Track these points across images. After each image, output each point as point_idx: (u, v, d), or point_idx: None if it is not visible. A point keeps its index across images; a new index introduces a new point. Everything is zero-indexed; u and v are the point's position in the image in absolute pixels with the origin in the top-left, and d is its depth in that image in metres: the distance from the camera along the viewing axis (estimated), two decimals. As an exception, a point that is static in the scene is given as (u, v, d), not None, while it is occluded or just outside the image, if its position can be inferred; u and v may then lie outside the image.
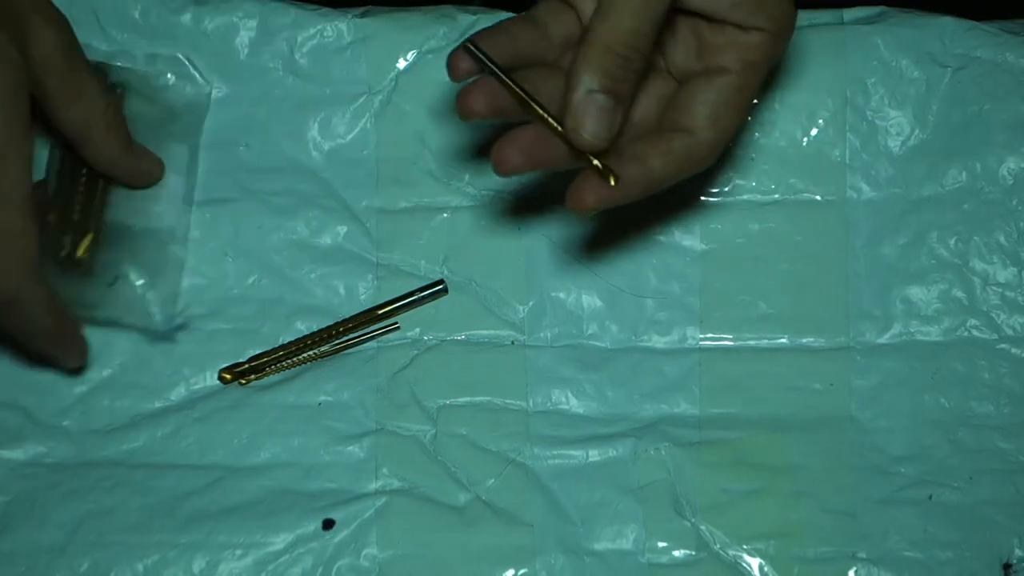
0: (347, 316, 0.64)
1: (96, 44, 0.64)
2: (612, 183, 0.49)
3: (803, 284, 0.64)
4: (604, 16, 0.48)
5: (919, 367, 0.63)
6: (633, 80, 0.49)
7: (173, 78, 0.64)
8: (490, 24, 0.64)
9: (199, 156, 0.65)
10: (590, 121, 0.48)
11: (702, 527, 0.61)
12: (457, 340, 0.64)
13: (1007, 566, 0.60)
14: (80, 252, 0.61)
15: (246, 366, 0.64)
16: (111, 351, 0.64)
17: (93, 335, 0.63)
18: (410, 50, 0.65)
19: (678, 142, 0.51)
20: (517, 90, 0.50)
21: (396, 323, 0.64)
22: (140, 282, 0.62)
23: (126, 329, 0.63)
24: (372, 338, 0.64)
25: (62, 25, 0.57)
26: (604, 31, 0.48)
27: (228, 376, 0.63)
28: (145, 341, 0.64)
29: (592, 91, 0.48)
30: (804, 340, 0.64)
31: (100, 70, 0.62)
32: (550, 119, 0.50)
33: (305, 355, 0.64)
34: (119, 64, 0.63)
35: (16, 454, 0.62)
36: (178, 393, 0.64)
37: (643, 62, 0.49)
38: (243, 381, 0.63)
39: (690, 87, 0.52)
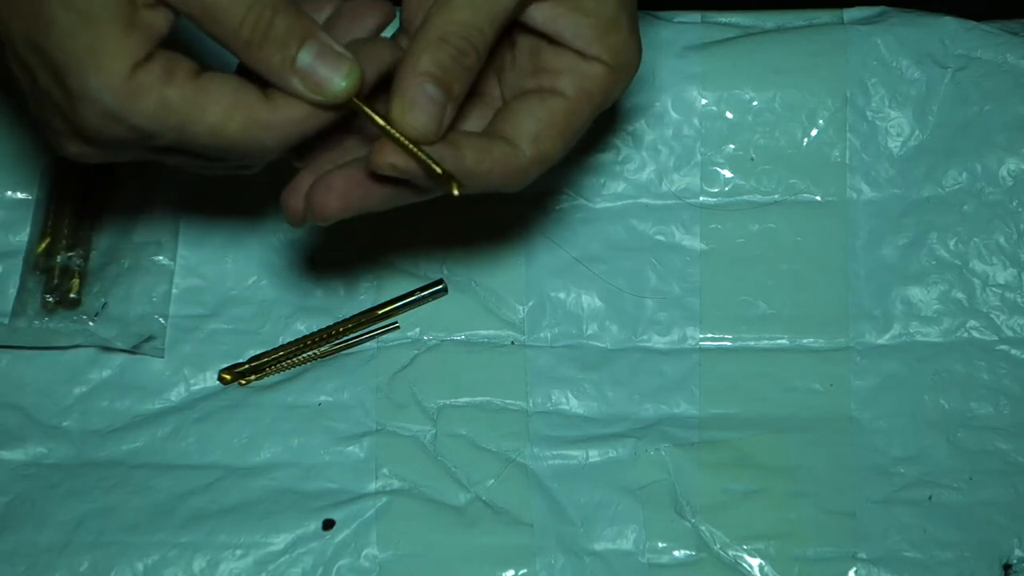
0: (347, 316, 0.64)
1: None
2: (455, 192, 0.46)
3: (803, 284, 0.64)
4: (443, 7, 0.47)
5: (919, 368, 0.63)
6: (465, 77, 0.47)
7: None
8: None
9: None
10: (418, 111, 0.46)
11: (702, 527, 0.61)
12: (457, 340, 0.64)
13: (1007, 566, 0.60)
14: (72, 292, 0.63)
15: (246, 366, 0.64)
16: (110, 351, 0.64)
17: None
18: (410, 50, 0.65)
19: (497, 148, 0.49)
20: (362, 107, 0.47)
21: (396, 323, 0.64)
22: (126, 307, 0.63)
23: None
24: (372, 338, 0.64)
25: None
26: (441, 22, 0.47)
27: (228, 376, 0.63)
28: (145, 341, 0.64)
29: (423, 80, 0.46)
30: (804, 340, 0.64)
31: None
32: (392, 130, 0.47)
33: (305, 355, 0.64)
34: None
35: (16, 454, 0.62)
36: (178, 393, 0.64)
37: (478, 60, 0.47)
38: (243, 381, 0.63)
39: (520, 101, 0.50)
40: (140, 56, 0.45)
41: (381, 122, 0.46)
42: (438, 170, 0.46)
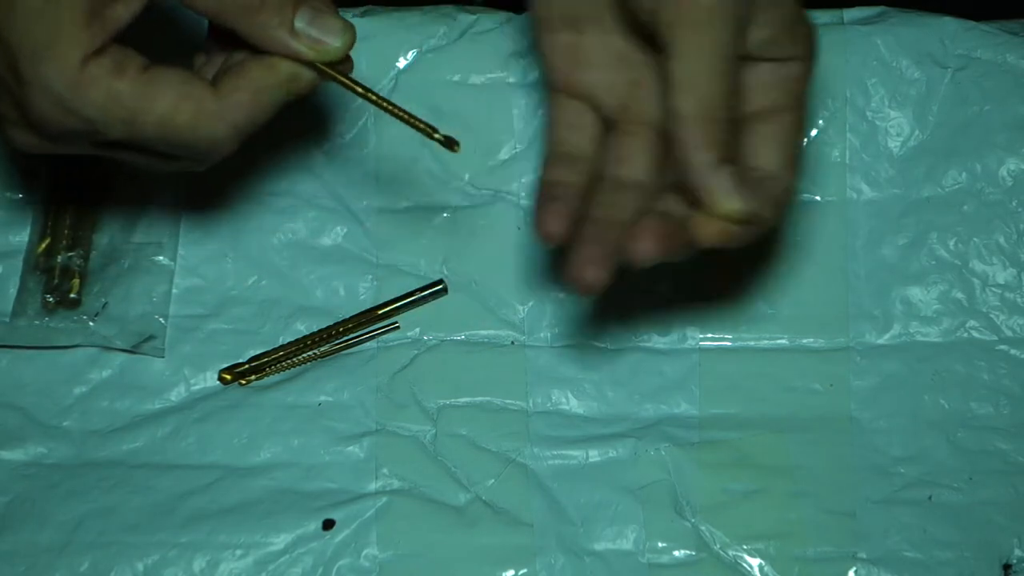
0: (347, 316, 0.64)
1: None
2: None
3: (803, 284, 0.64)
4: (690, 86, 0.47)
5: (919, 368, 0.63)
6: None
7: None
8: (492, 24, 0.64)
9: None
10: (733, 194, 0.48)
11: (702, 527, 0.61)
12: (457, 340, 0.64)
13: (1007, 566, 0.60)
14: (72, 292, 0.62)
15: (246, 366, 0.64)
16: (111, 351, 0.64)
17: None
18: (410, 49, 0.65)
19: (770, 184, 0.50)
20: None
21: (396, 323, 0.64)
22: (126, 307, 0.63)
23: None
24: (372, 338, 0.64)
25: None
26: (695, 102, 0.47)
27: (228, 376, 0.63)
28: (145, 341, 0.64)
29: (713, 167, 0.47)
30: (804, 340, 0.64)
31: None
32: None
33: (305, 355, 0.64)
34: None
35: (16, 454, 0.62)
36: (178, 393, 0.63)
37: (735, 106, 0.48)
38: (243, 381, 0.63)
39: (754, 131, 0.50)
40: (93, 48, 0.46)
41: (360, 89, 0.49)
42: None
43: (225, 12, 0.47)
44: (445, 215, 0.65)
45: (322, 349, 0.64)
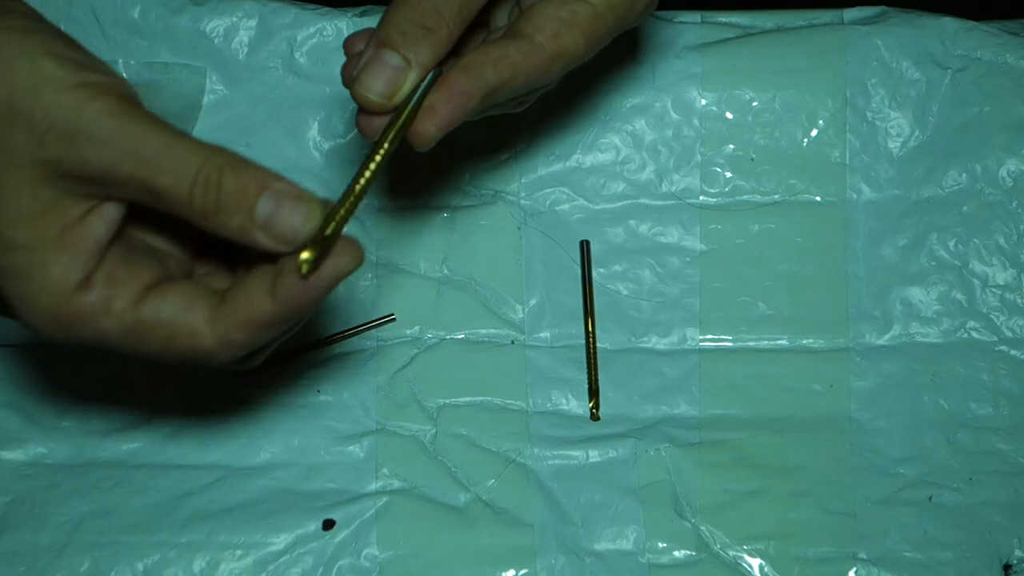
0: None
1: (96, 45, 0.63)
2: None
3: (803, 285, 0.64)
4: None
5: (919, 368, 0.63)
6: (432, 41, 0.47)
7: (166, 80, 0.64)
8: None
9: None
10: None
11: (702, 527, 0.61)
12: (457, 339, 0.64)
13: (1007, 567, 0.60)
14: None
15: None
16: (111, 351, 0.63)
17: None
18: (410, 50, 0.65)
19: (515, 48, 0.48)
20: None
21: (392, 315, 0.64)
22: None
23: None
24: (367, 330, 0.64)
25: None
26: None
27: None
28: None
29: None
30: (804, 341, 0.64)
31: None
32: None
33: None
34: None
35: (16, 455, 0.62)
36: (178, 393, 0.63)
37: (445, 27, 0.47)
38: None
39: (541, 4, 0.49)
40: (73, 283, 0.43)
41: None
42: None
43: (186, 219, 0.43)
44: (445, 215, 0.65)
45: (316, 340, 0.64)
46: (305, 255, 0.43)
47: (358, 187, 0.45)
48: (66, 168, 0.42)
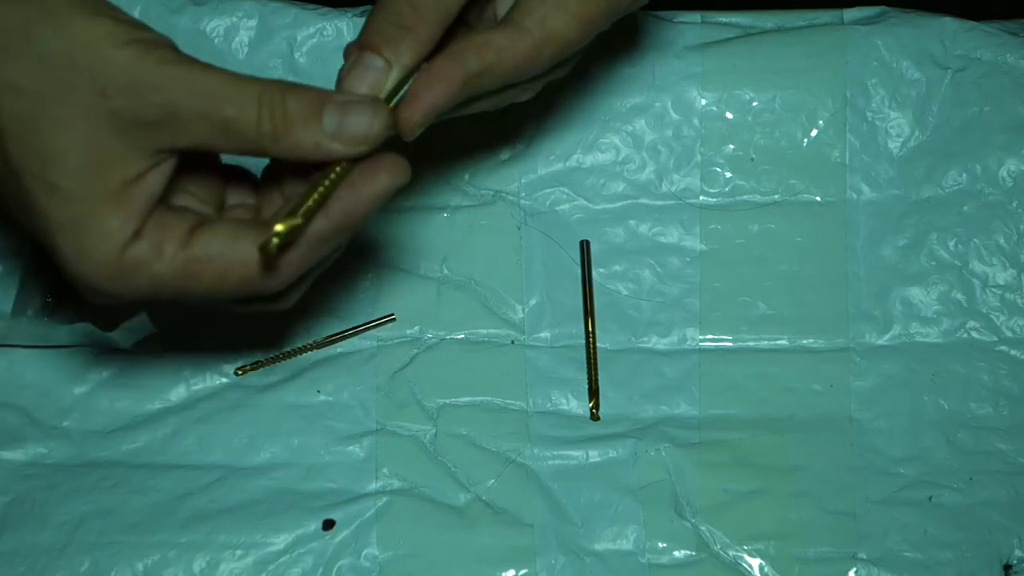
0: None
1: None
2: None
3: (803, 285, 0.64)
4: None
5: (918, 368, 0.63)
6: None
7: None
8: None
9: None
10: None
11: (702, 527, 0.61)
12: (457, 339, 0.64)
13: (1007, 567, 0.60)
14: (72, 292, 0.62)
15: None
16: (111, 351, 0.64)
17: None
18: (410, 50, 0.65)
19: (499, 33, 0.48)
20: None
21: (392, 315, 0.64)
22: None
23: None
24: (367, 330, 0.64)
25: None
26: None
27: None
28: (145, 341, 0.64)
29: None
30: (804, 341, 0.64)
31: None
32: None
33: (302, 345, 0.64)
34: None
35: (16, 454, 0.62)
36: (178, 393, 0.63)
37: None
38: (242, 371, 0.64)
39: None
40: (128, 235, 0.44)
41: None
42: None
43: (255, 148, 0.45)
44: (445, 215, 0.65)
45: (317, 340, 0.64)
46: (280, 227, 0.44)
47: (328, 181, 0.46)
48: (132, 117, 0.43)
